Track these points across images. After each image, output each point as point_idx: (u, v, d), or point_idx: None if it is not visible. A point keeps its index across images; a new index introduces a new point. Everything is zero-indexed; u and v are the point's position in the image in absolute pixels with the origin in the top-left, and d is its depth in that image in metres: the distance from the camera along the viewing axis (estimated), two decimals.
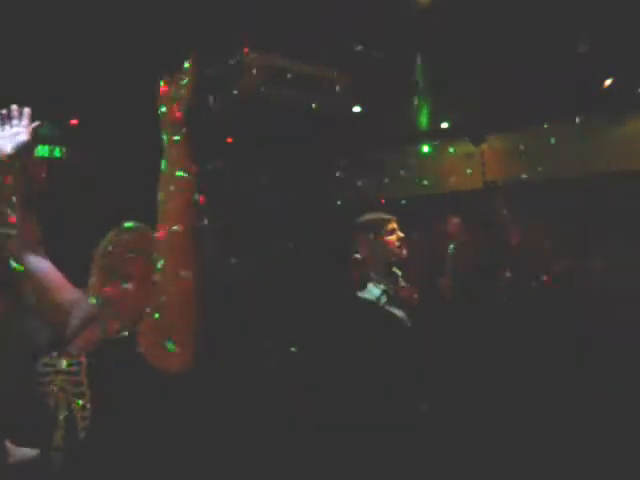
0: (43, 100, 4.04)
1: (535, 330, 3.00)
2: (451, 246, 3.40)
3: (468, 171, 5.63)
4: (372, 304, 2.73)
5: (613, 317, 3.01)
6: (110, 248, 1.76)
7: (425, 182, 6.15)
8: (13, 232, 1.80)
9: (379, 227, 3.05)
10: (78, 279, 1.85)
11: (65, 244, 2.06)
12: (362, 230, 3.05)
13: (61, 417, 1.63)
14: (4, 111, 1.87)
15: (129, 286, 1.68)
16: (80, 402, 1.62)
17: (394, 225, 3.07)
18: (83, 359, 1.68)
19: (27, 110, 1.88)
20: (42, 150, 5.10)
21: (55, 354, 1.73)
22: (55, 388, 1.66)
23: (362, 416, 1.67)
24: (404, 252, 2.94)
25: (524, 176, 5.43)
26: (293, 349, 2.83)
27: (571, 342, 2.88)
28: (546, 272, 3.16)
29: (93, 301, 1.71)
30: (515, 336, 3.05)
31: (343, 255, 1.78)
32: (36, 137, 1.89)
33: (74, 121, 4.67)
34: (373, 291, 2.93)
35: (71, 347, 1.73)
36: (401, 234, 3.02)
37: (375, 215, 3.13)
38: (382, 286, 2.92)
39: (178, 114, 1.64)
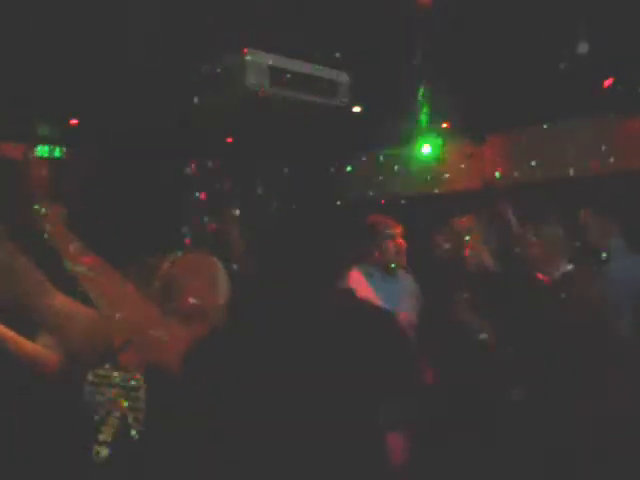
0: (43, 100, 4.05)
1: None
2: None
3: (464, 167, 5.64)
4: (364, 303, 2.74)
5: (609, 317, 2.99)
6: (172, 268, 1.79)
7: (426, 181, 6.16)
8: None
9: (377, 231, 3.09)
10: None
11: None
12: (363, 233, 3.09)
13: (110, 426, 1.65)
14: None
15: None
16: (133, 416, 1.64)
17: (395, 230, 3.10)
18: (139, 375, 1.70)
19: None
20: (42, 150, 5.11)
21: (107, 366, 1.74)
22: (107, 400, 1.68)
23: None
24: (401, 258, 2.95)
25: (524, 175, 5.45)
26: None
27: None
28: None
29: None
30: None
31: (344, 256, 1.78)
32: (36, 137, 1.89)
33: (74, 121, 4.67)
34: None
35: (122, 360, 1.74)
36: (402, 241, 3.05)
37: (375, 219, 3.16)
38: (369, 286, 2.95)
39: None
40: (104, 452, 1.65)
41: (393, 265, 2.93)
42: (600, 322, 2.74)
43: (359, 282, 2.99)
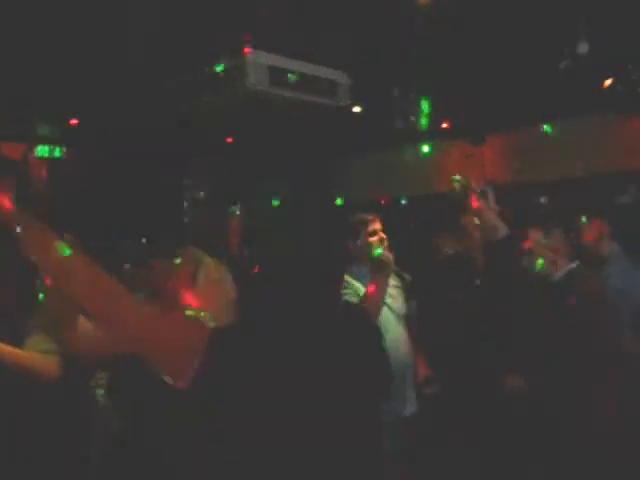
0: (43, 100, 4.05)
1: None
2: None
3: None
4: (351, 305, 2.71)
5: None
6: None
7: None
8: None
9: (359, 228, 3.08)
10: None
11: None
12: (347, 231, 3.10)
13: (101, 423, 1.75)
14: None
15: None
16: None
17: (376, 226, 3.10)
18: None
19: None
20: (42, 150, 5.11)
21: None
22: (98, 401, 1.81)
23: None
24: (385, 253, 2.91)
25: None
26: None
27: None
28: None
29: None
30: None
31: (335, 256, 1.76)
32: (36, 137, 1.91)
33: (74, 121, 4.68)
34: (356, 290, 2.95)
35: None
36: (383, 235, 3.04)
37: (357, 216, 3.16)
38: (362, 286, 2.94)
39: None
40: (107, 453, 1.74)
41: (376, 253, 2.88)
42: (601, 315, 2.76)
43: (352, 284, 2.98)
